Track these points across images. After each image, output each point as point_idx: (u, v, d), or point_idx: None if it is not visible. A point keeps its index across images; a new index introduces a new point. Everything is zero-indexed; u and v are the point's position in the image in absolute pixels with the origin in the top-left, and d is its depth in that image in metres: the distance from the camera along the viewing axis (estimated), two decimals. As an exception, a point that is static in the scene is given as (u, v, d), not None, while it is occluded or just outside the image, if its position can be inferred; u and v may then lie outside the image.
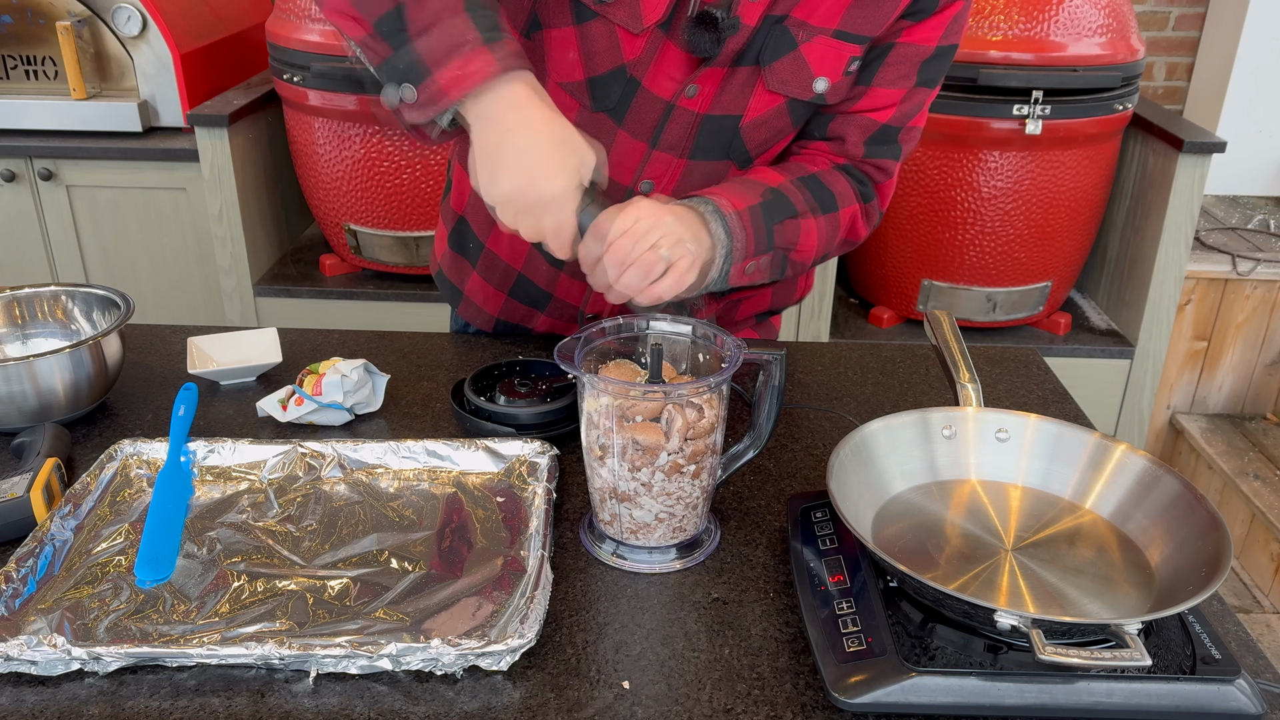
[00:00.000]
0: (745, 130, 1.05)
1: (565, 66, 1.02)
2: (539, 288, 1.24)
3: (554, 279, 1.21)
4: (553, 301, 1.24)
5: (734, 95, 1.03)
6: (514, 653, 0.77)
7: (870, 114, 1.06)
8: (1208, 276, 2.61)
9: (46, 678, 0.76)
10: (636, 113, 1.03)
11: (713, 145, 1.06)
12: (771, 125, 1.06)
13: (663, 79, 1.01)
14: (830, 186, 1.06)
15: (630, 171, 1.07)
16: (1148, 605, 0.78)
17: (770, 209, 1.00)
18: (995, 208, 2.24)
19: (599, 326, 0.90)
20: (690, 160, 1.06)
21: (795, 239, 1.03)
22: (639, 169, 1.07)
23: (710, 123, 1.04)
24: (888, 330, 2.51)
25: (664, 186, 1.08)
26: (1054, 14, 2.09)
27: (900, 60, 1.04)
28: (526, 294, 1.25)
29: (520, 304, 1.27)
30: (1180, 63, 3.00)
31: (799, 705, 0.75)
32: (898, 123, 1.08)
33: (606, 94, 1.03)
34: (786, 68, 1.01)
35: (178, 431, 1.03)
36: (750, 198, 0.99)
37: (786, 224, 1.01)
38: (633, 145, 1.06)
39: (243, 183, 2.31)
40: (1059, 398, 1.21)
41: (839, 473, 0.85)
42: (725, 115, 1.04)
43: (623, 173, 1.07)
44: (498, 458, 1.02)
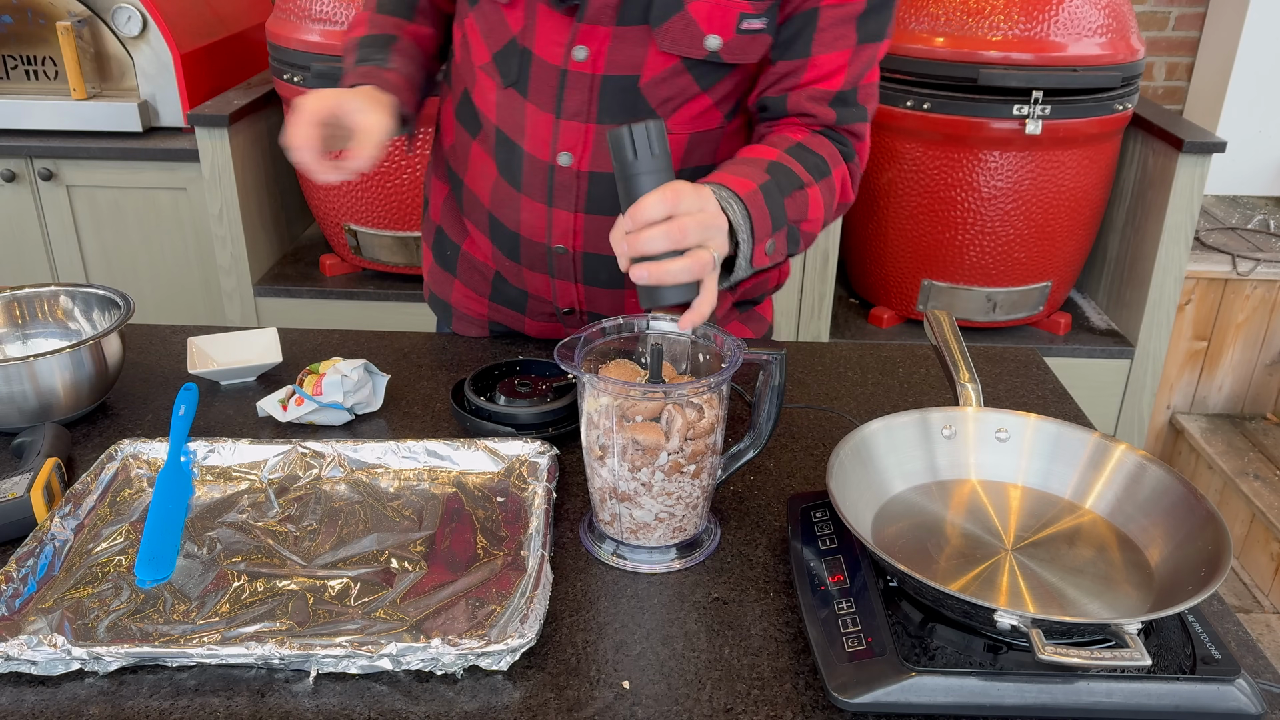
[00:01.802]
0: (646, 90, 1.05)
1: (479, 49, 1.12)
2: (514, 287, 1.25)
3: (521, 276, 1.22)
4: (530, 300, 1.25)
5: (628, 55, 1.03)
6: (514, 653, 0.77)
7: (821, 84, 1.05)
8: (1208, 276, 2.61)
9: (46, 678, 0.76)
10: (536, 82, 1.07)
11: (616, 108, 1.06)
12: (672, 84, 1.05)
13: (548, 44, 1.04)
14: (818, 150, 1.05)
15: (545, 144, 1.09)
16: (1148, 605, 0.78)
17: (777, 184, 0.99)
18: (995, 208, 2.24)
19: (599, 326, 0.90)
20: (598, 125, 1.07)
21: (805, 210, 1.02)
22: (553, 141, 1.08)
23: (609, 84, 1.05)
24: (888, 330, 2.51)
25: (580, 155, 1.08)
26: (1054, 14, 2.09)
27: (831, 23, 1.03)
28: (505, 295, 1.27)
29: (504, 307, 1.28)
30: (1180, 63, 3.00)
31: (799, 705, 0.76)
32: (851, 84, 1.06)
33: (508, 68, 1.09)
34: (677, 27, 1.01)
35: (178, 431, 1.03)
36: (755, 177, 0.98)
37: (795, 195, 1.00)
38: (541, 117, 1.08)
39: (243, 183, 2.31)
40: (1059, 398, 1.21)
41: (839, 473, 0.85)
42: (622, 76, 1.04)
43: (540, 146, 1.09)
44: (498, 458, 1.02)
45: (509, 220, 1.16)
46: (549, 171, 1.10)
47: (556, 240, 1.14)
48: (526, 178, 1.12)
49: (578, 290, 1.20)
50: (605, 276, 1.17)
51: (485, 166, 1.16)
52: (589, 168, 1.09)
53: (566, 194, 1.11)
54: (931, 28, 2.16)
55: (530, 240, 1.16)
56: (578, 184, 1.10)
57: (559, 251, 1.15)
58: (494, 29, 1.07)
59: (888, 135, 2.30)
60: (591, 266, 1.16)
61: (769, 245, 0.97)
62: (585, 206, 1.11)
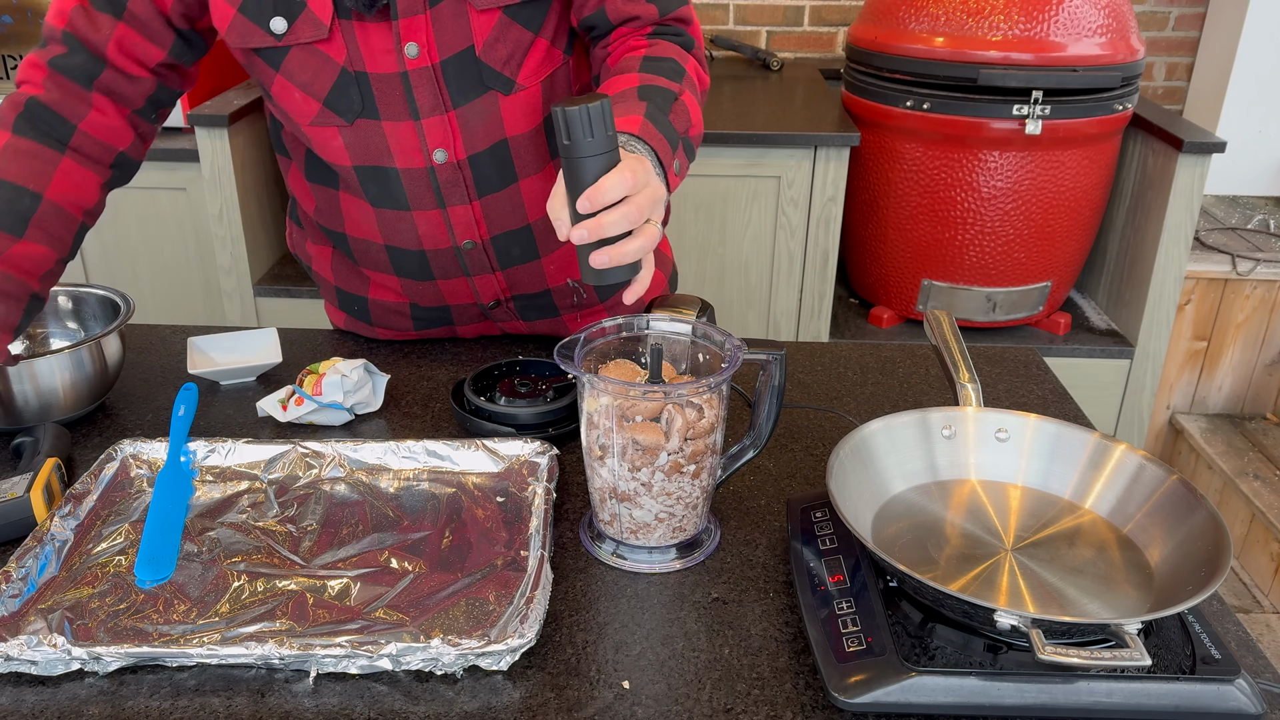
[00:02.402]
0: (485, 56, 1.04)
1: (301, 107, 1.06)
2: (433, 309, 1.25)
3: (437, 292, 1.22)
4: (454, 311, 1.26)
5: (453, 31, 1.02)
6: (514, 653, 0.77)
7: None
8: (1208, 276, 2.61)
9: (46, 678, 0.76)
10: (383, 99, 1.04)
11: (466, 86, 1.05)
12: (506, 39, 1.04)
13: (378, 56, 1.02)
14: (664, 55, 1.04)
15: (416, 152, 1.07)
16: (1147, 605, 0.78)
17: (656, 106, 0.98)
18: (995, 208, 2.24)
19: (599, 326, 0.90)
20: (456, 110, 1.06)
21: (687, 117, 1.01)
22: (421, 145, 1.07)
23: (449, 67, 1.04)
24: (888, 330, 2.51)
25: (453, 147, 1.08)
26: (1054, 14, 2.09)
27: None
28: (427, 319, 1.27)
29: (430, 329, 1.29)
30: (1180, 63, 3.00)
31: (799, 705, 0.76)
32: None
33: (348, 102, 1.04)
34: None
35: (178, 431, 1.03)
36: (634, 109, 0.97)
37: (674, 109, 1.00)
38: (401, 128, 1.06)
39: (243, 183, 2.31)
40: (1059, 398, 1.21)
41: (839, 473, 0.85)
42: (458, 53, 1.03)
43: (412, 156, 1.08)
44: (498, 458, 1.02)
45: (408, 242, 1.15)
46: (430, 175, 1.09)
47: (462, 238, 1.14)
48: (410, 192, 1.10)
49: (497, 279, 1.20)
50: (518, 252, 1.18)
51: (360, 209, 1.15)
52: (466, 154, 1.08)
53: (455, 189, 1.10)
54: (931, 28, 2.16)
55: (436, 251, 1.16)
56: (461, 175, 1.10)
57: (468, 248, 1.15)
58: (316, 74, 1.03)
59: (888, 135, 2.30)
60: (502, 248, 1.17)
61: (675, 165, 0.98)
62: (477, 193, 1.11)
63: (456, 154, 1.08)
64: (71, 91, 1.03)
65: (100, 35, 1.02)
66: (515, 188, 1.13)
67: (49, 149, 1.02)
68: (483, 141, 1.08)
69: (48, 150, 1.02)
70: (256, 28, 1.01)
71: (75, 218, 1.04)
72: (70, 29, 1.02)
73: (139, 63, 1.05)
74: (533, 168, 1.13)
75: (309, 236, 1.28)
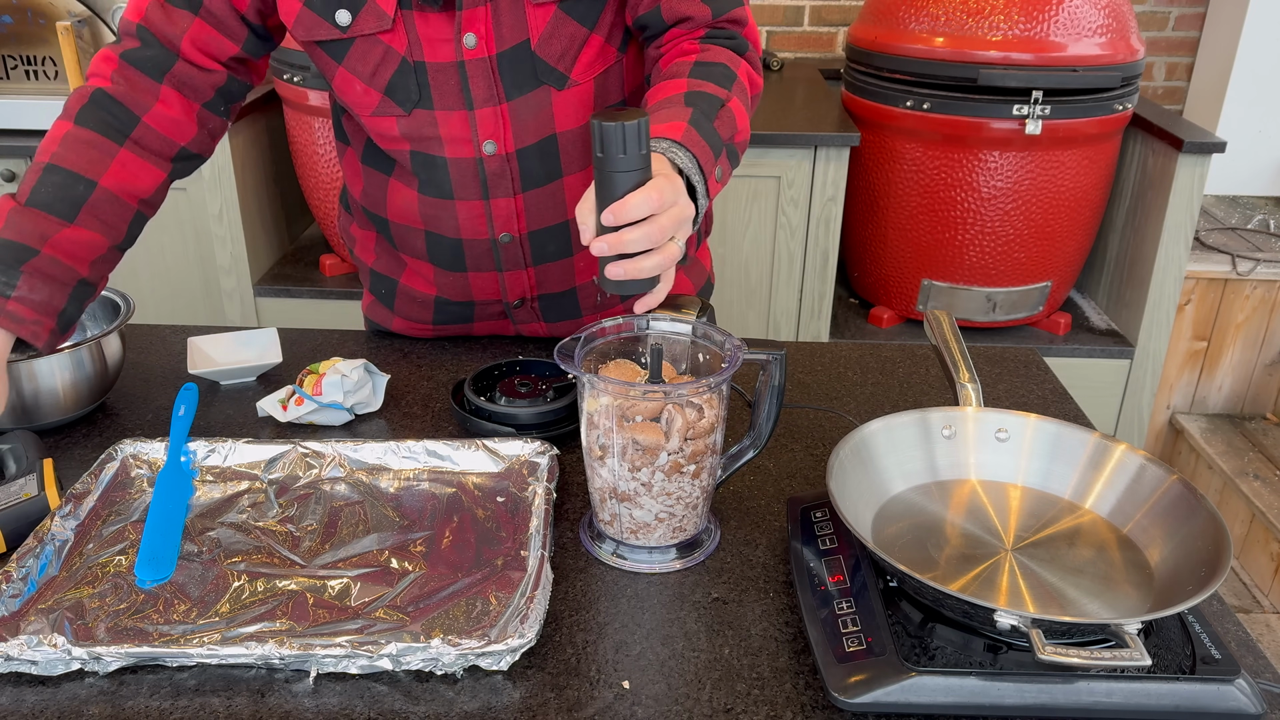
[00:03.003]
0: (540, 49, 1.05)
1: (362, 99, 1.09)
2: (458, 303, 1.25)
3: (466, 285, 1.22)
4: (477, 307, 1.26)
5: (511, 24, 1.03)
6: (514, 653, 0.77)
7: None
8: (1208, 276, 2.61)
9: (46, 678, 0.76)
10: (439, 89, 1.06)
11: (520, 79, 1.07)
12: (561, 35, 1.06)
13: (437, 46, 1.04)
14: (715, 60, 1.04)
15: (467, 143, 1.09)
16: (1147, 605, 0.78)
17: (702, 112, 0.98)
18: (995, 208, 2.24)
19: (599, 326, 0.90)
20: (510, 103, 1.07)
21: (734, 124, 1.02)
22: (473, 135, 1.08)
23: (505, 60, 1.05)
24: (888, 330, 2.51)
25: (503, 139, 1.09)
26: (1054, 14, 2.09)
27: None
28: (448, 314, 1.27)
29: (448, 324, 1.29)
30: (1180, 63, 3.00)
31: (799, 705, 0.76)
32: None
33: (407, 93, 1.07)
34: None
35: (178, 431, 1.03)
36: (680, 115, 0.97)
37: (721, 115, 1.00)
38: (455, 117, 1.08)
39: (243, 183, 2.31)
40: (1059, 398, 1.21)
41: (839, 473, 0.85)
42: (514, 46, 1.05)
43: (462, 146, 1.09)
44: (498, 458, 1.02)
45: (448, 229, 1.16)
46: (478, 165, 1.10)
47: (500, 230, 1.15)
48: (455, 181, 1.12)
49: (528, 276, 1.21)
50: (553, 248, 1.19)
51: (406, 196, 1.16)
52: (515, 147, 1.10)
53: (501, 181, 1.11)
54: (931, 28, 2.16)
55: (473, 241, 1.16)
56: (508, 167, 1.11)
57: (504, 241, 1.16)
58: (378, 66, 1.05)
59: (888, 135, 2.30)
60: (539, 243, 1.17)
61: (717, 172, 0.98)
62: (522, 187, 1.12)
63: (506, 146, 1.09)
64: (140, 84, 1.05)
65: (176, 29, 1.05)
66: (559, 184, 1.14)
67: (108, 139, 1.03)
68: (533, 135, 1.09)
69: (107, 141, 1.03)
70: (321, 20, 1.03)
71: (130, 205, 1.05)
72: (146, 23, 1.05)
73: (212, 56, 1.08)
74: (578, 164, 1.14)
75: (355, 220, 1.30)
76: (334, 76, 1.09)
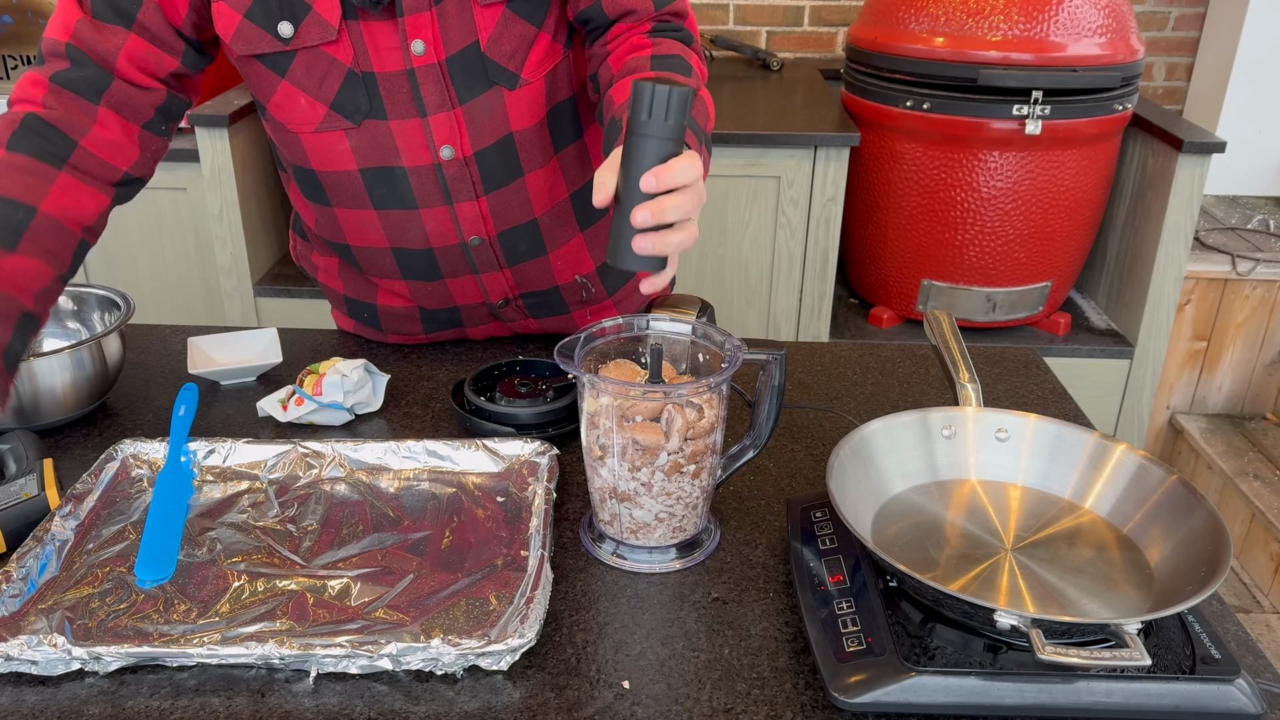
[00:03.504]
0: (489, 50, 1.04)
1: (306, 114, 1.06)
2: (443, 310, 1.25)
3: (446, 292, 1.22)
4: (463, 312, 1.26)
5: (459, 27, 1.02)
6: (514, 652, 0.77)
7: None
8: (1207, 276, 2.61)
9: (47, 677, 0.76)
10: (390, 98, 1.04)
11: (471, 82, 1.06)
12: (510, 34, 1.05)
13: (385, 55, 1.02)
14: (671, 53, 1.04)
15: (423, 149, 1.08)
16: (1147, 605, 0.78)
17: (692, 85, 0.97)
18: (995, 208, 2.24)
19: (599, 326, 0.90)
20: (463, 106, 1.06)
21: (706, 112, 1.02)
22: (429, 141, 1.07)
23: (455, 63, 1.04)
24: (887, 330, 2.51)
25: (459, 143, 1.08)
26: (1054, 14, 2.09)
27: None
28: (437, 321, 1.27)
29: (441, 331, 1.29)
30: (1180, 63, 3.00)
31: (799, 705, 0.76)
32: None
33: (356, 104, 1.04)
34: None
35: (178, 431, 1.03)
36: None
37: (697, 105, 0.99)
38: (408, 126, 1.06)
39: (243, 183, 2.31)
40: (1059, 398, 1.21)
41: (839, 473, 0.85)
42: (463, 49, 1.04)
43: (419, 154, 1.08)
44: (498, 458, 1.02)
45: (415, 242, 1.15)
46: (437, 171, 1.09)
47: (469, 234, 1.14)
48: (417, 190, 1.10)
49: (505, 277, 1.20)
50: (525, 247, 1.18)
51: (362, 218, 1.14)
52: (473, 150, 1.09)
53: (461, 185, 1.11)
54: (931, 28, 2.16)
55: (444, 248, 1.16)
56: (467, 171, 1.10)
57: (475, 244, 1.15)
58: (324, 78, 1.03)
59: (888, 135, 2.30)
60: (509, 243, 1.17)
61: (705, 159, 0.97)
62: (484, 189, 1.12)
63: (463, 150, 1.08)
64: (76, 107, 0.99)
65: (110, 46, 0.99)
66: (521, 182, 1.13)
67: (46, 164, 0.97)
68: (489, 137, 1.09)
69: (44, 166, 0.96)
70: (264, 33, 1.00)
71: (74, 233, 0.98)
72: (76, 41, 0.98)
73: (150, 74, 1.02)
74: (538, 161, 1.13)
75: (315, 248, 1.29)
76: (274, 93, 1.05)
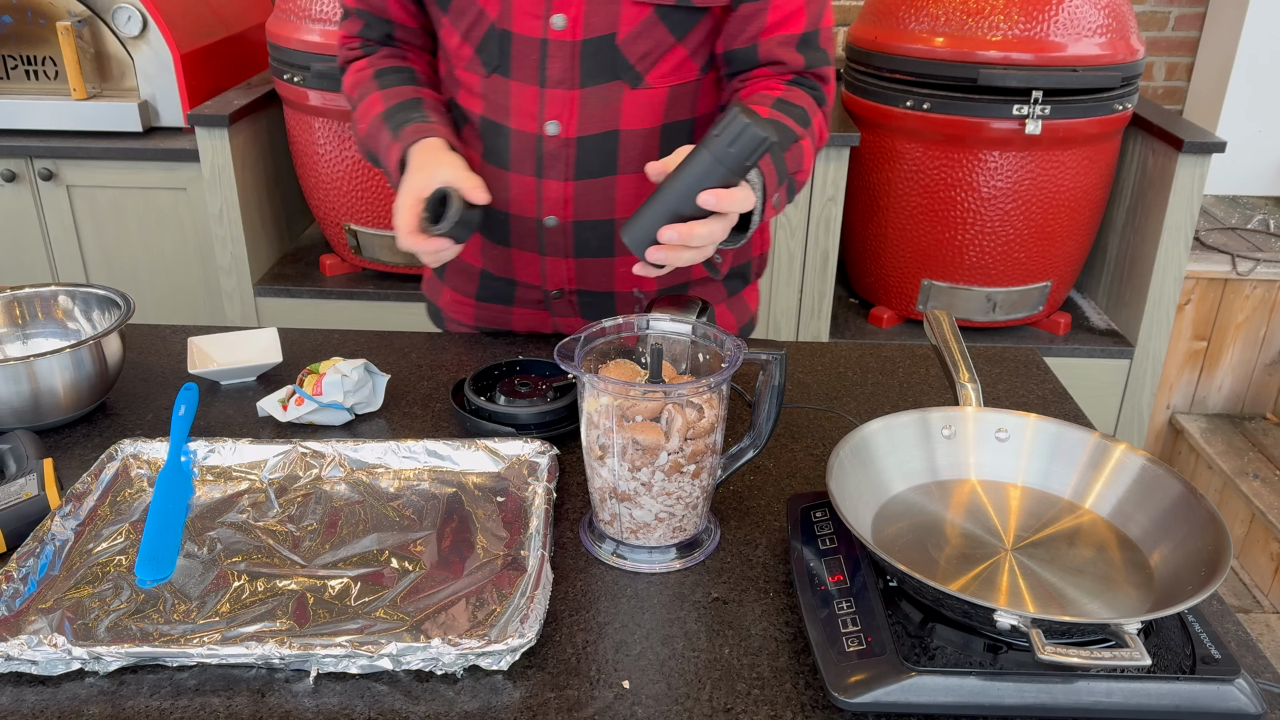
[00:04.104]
0: (624, 47, 1.08)
1: (458, 51, 1.15)
2: (501, 278, 1.26)
3: (509, 261, 1.23)
4: (518, 289, 1.26)
5: (602, 14, 1.06)
6: (514, 652, 0.77)
7: (784, 29, 1.10)
8: (1207, 276, 2.61)
9: (47, 677, 0.76)
10: (519, 60, 1.10)
11: (598, 69, 1.09)
12: (649, 36, 1.08)
13: (525, 19, 1.08)
14: (797, 102, 1.09)
15: (532, 117, 1.11)
16: (1147, 605, 0.78)
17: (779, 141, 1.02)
18: (995, 208, 2.24)
19: (599, 326, 0.90)
20: (582, 90, 1.10)
21: (800, 161, 1.07)
22: (539, 112, 1.11)
23: (588, 47, 1.08)
24: (888, 330, 2.51)
25: (567, 122, 1.11)
26: (1054, 14, 2.09)
27: None
28: (491, 289, 1.28)
29: (490, 303, 1.30)
30: (1180, 63, 3.00)
31: (799, 705, 0.76)
32: (813, 26, 1.11)
33: (490, 55, 1.11)
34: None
35: (178, 431, 1.03)
36: None
37: (792, 149, 1.05)
38: (526, 91, 1.10)
39: (243, 183, 2.31)
40: (1059, 398, 1.21)
41: (839, 473, 0.85)
42: (600, 36, 1.07)
43: (526, 120, 1.12)
44: (498, 458, 1.02)
45: (499, 203, 1.17)
46: (537, 142, 1.12)
47: (547, 212, 1.16)
48: (514, 153, 1.14)
49: (568, 266, 1.21)
50: (596, 244, 1.19)
51: (472, 160, 1.17)
52: (577, 134, 1.11)
53: (555, 163, 1.13)
54: (931, 28, 2.16)
55: (520, 217, 1.18)
56: (566, 152, 1.12)
57: (550, 224, 1.17)
58: (472, 24, 1.10)
59: (888, 135, 2.30)
60: (582, 236, 1.18)
61: (775, 199, 1.03)
62: (575, 174, 1.13)
63: (568, 130, 1.11)
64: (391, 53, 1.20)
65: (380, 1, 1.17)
66: (612, 180, 1.15)
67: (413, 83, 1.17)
68: (596, 126, 1.11)
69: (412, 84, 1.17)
70: None
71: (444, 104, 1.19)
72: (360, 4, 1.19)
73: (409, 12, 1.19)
74: (635, 166, 1.14)
75: None
76: (439, 26, 1.16)
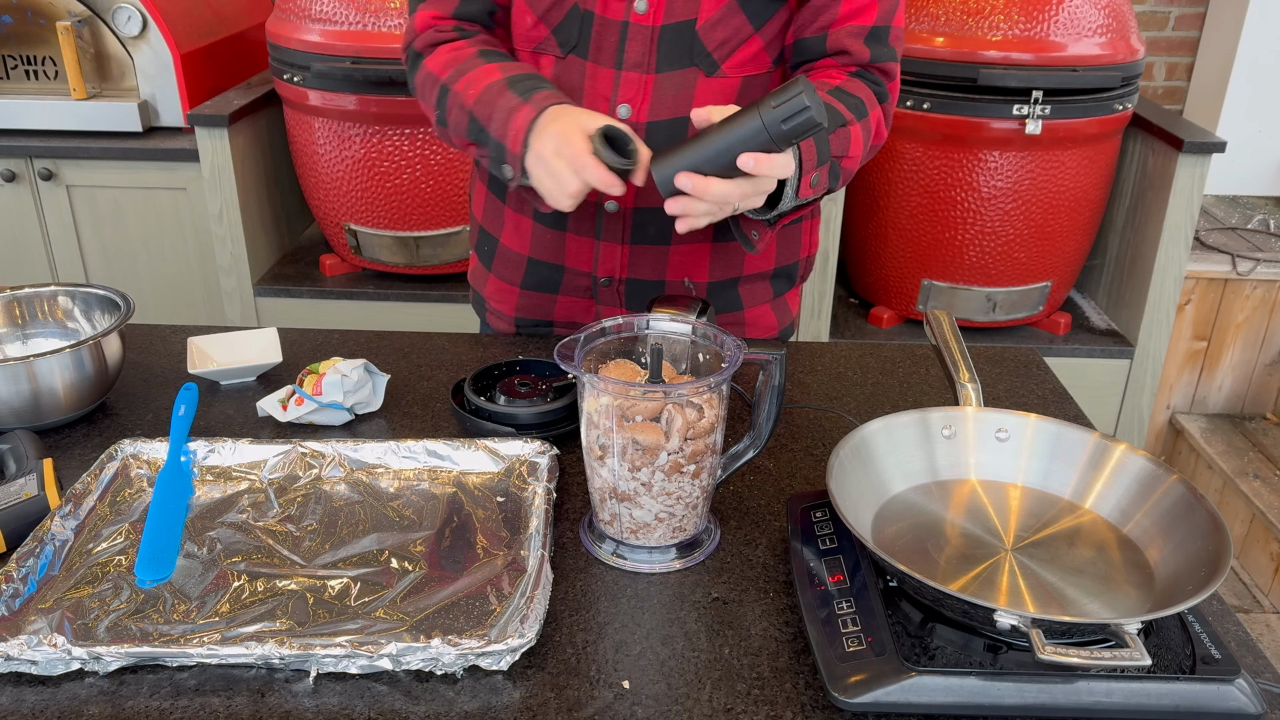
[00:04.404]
0: (702, 33, 1.09)
1: (530, 32, 1.15)
2: (549, 265, 1.26)
3: (561, 248, 1.23)
4: (565, 275, 1.26)
5: (684, 1, 1.07)
6: (514, 652, 0.77)
7: (856, 20, 1.11)
8: (1208, 276, 2.61)
9: (47, 677, 0.76)
10: (598, 41, 1.11)
11: (675, 55, 1.10)
12: (727, 24, 1.09)
13: (610, 2, 1.09)
14: (856, 93, 1.10)
15: (604, 99, 1.13)
16: (1148, 605, 0.78)
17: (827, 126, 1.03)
18: (995, 208, 2.24)
19: (599, 326, 0.90)
20: (657, 74, 1.11)
21: (847, 146, 1.08)
22: (612, 95, 1.12)
23: (667, 32, 1.09)
24: (888, 330, 2.51)
25: (639, 106, 1.12)
26: (1054, 14, 2.09)
27: None
28: (539, 278, 1.28)
29: (535, 292, 1.29)
30: (1180, 63, 3.00)
31: (799, 705, 0.76)
32: (884, 21, 1.12)
33: (568, 35, 1.12)
34: None
35: (178, 431, 1.03)
36: None
37: (839, 132, 1.06)
38: (601, 74, 1.12)
39: (243, 183, 2.31)
40: (1059, 398, 1.21)
41: (839, 473, 0.85)
42: (680, 22, 1.09)
43: (598, 102, 1.13)
44: (498, 458, 1.02)
45: None
46: None
47: (608, 197, 1.15)
48: None
49: (622, 253, 1.21)
50: (653, 231, 1.20)
51: None
52: (647, 118, 1.12)
53: None
54: (931, 28, 2.16)
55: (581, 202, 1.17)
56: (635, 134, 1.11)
57: (610, 209, 1.18)
58: (552, 4, 1.11)
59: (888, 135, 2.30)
60: (640, 222, 1.19)
61: (814, 178, 1.03)
62: None
63: (639, 114, 1.12)
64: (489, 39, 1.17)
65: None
66: None
67: None
68: (668, 111, 1.12)
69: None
70: None
71: None
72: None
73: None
74: None
75: (477, 174, 1.33)
76: (512, 5, 1.16)
